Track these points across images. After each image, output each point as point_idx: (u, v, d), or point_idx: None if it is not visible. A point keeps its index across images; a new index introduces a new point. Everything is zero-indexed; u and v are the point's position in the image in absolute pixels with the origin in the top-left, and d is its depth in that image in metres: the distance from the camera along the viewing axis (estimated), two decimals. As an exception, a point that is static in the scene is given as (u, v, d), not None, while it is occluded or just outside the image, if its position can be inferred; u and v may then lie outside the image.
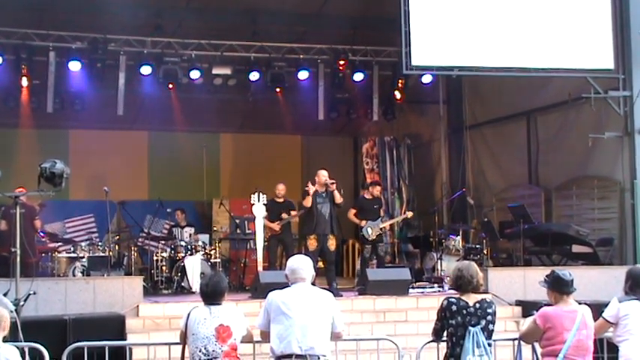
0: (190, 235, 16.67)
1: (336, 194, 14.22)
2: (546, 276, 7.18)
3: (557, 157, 17.00)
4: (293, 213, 15.33)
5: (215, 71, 17.79)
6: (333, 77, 18.34)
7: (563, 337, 6.85)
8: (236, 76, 18.04)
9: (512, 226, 16.05)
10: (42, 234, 16.11)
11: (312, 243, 14.08)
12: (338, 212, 14.43)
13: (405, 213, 18.26)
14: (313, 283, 7.24)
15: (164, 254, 16.32)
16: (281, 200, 15.30)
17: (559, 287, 7.06)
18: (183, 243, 16.14)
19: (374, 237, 15.15)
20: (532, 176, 17.89)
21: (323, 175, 14.33)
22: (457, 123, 19.80)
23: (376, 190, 15.83)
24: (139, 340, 10.71)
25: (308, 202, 14.17)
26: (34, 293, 9.27)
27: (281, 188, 15.34)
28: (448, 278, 13.91)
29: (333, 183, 14.20)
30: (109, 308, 11.93)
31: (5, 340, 6.83)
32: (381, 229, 15.40)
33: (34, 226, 14.49)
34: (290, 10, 17.55)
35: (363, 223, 15.17)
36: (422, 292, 14.14)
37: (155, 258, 16.39)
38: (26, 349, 7.93)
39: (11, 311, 7.69)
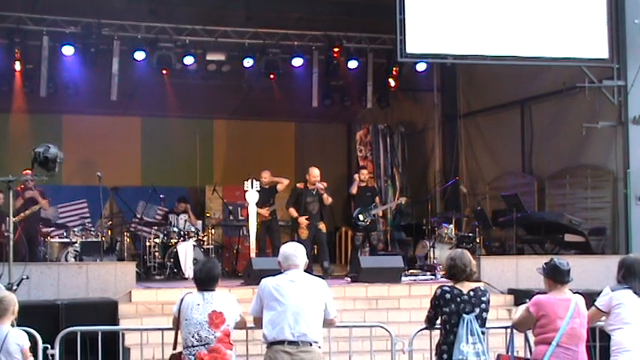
0: (185, 220, 16.61)
1: (325, 196, 14.61)
2: (545, 263, 7.20)
3: (550, 146, 17.00)
4: (264, 211, 15.34)
5: (209, 57, 17.75)
6: (327, 64, 18.30)
7: (556, 324, 6.87)
8: (230, 62, 17.98)
9: (505, 215, 16.03)
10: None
11: (303, 232, 14.42)
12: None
13: (398, 199, 18.24)
14: (307, 270, 7.25)
15: (157, 240, 16.29)
16: (267, 187, 15.41)
17: (554, 276, 7.09)
18: (175, 229, 16.12)
19: (367, 222, 15.25)
20: (525, 165, 17.87)
21: (314, 175, 14.69)
22: (451, 111, 19.76)
23: (363, 175, 15.87)
24: (131, 325, 10.73)
25: (294, 213, 14.59)
26: (27, 278, 9.28)
27: (265, 176, 15.45)
28: (441, 266, 14.04)
29: (322, 188, 14.58)
30: (101, 293, 11.93)
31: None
32: (373, 215, 15.45)
33: None
34: (285, -4, 17.51)
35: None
36: (414, 280, 14.14)
37: (148, 244, 16.34)
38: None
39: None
